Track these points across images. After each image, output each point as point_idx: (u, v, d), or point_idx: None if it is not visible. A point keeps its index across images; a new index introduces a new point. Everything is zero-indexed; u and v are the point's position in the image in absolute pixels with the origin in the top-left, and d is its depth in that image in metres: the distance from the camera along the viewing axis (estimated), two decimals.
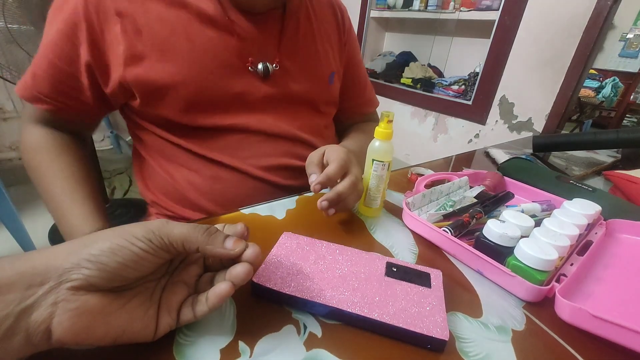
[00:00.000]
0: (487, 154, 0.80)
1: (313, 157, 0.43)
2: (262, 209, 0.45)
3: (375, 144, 0.42)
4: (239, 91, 0.49)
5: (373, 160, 0.42)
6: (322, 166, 0.43)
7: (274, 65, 0.51)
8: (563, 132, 1.60)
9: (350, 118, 0.71)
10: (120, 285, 0.22)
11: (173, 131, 0.49)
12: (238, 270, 0.24)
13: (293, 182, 0.54)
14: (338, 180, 0.41)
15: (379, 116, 0.41)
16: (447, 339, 0.26)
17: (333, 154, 0.42)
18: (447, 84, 2.02)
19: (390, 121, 0.41)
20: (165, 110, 0.47)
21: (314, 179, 0.40)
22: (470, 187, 0.54)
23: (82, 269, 0.20)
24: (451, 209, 0.45)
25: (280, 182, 0.53)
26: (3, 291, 0.18)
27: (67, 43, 0.43)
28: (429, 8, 2.03)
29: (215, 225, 0.26)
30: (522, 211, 0.42)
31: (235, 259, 0.25)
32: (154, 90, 0.45)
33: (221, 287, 0.24)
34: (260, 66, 0.49)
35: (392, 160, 0.43)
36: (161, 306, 0.24)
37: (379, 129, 0.41)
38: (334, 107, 0.65)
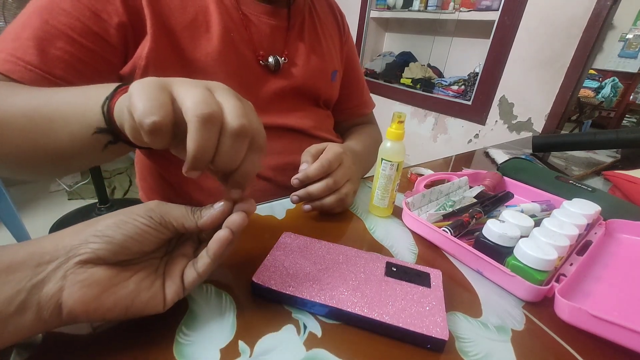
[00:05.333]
0: (487, 154, 0.81)
1: (312, 148, 0.44)
2: (262, 209, 0.45)
3: (387, 144, 0.42)
4: (250, 83, 0.50)
5: (382, 159, 0.42)
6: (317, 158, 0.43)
7: (283, 58, 0.52)
8: (562, 132, 1.60)
9: (349, 119, 0.73)
10: (126, 260, 0.23)
11: None
12: (235, 217, 0.26)
13: None
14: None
15: (391, 117, 0.42)
16: (446, 339, 0.26)
17: (328, 152, 0.43)
18: (446, 84, 2.03)
19: (401, 122, 0.41)
20: None
21: (303, 167, 0.41)
22: (470, 187, 0.54)
23: (90, 244, 0.21)
24: (451, 209, 0.45)
25: (288, 183, 0.53)
26: (15, 269, 0.20)
27: (90, 19, 0.38)
28: (428, 8, 2.03)
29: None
30: (522, 211, 0.43)
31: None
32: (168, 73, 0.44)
33: (220, 233, 0.25)
34: (270, 59, 0.51)
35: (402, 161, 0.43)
36: (166, 277, 0.25)
37: (390, 129, 0.41)
38: (330, 107, 0.67)
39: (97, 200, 1.50)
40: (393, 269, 0.33)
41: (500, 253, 0.35)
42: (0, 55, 0.36)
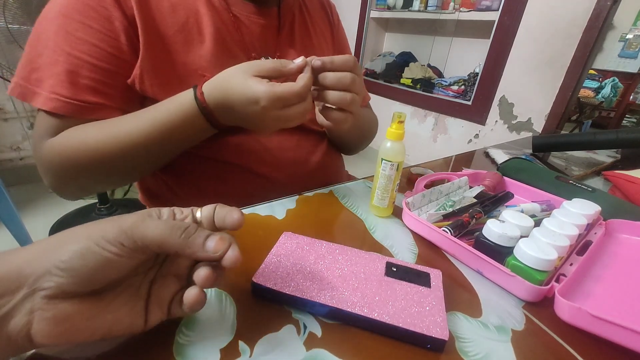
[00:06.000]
0: (487, 154, 0.81)
1: None
2: (262, 209, 0.45)
3: (387, 144, 0.42)
4: None
5: (382, 159, 0.42)
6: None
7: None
8: (562, 132, 1.60)
9: None
10: (98, 289, 0.21)
11: None
12: (201, 273, 0.23)
13: (298, 180, 0.54)
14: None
15: (392, 117, 0.41)
16: (446, 339, 0.26)
17: (353, 58, 0.40)
18: (446, 84, 2.03)
19: (401, 122, 0.41)
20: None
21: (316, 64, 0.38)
22: (470, 187, 0.54)
23: (53, 277, 0.19)
24: (451, 209, 0.45)
25: (284, 180, 0.53)
26: None
27: (104, 41, 0.39)
28: (428, 8, 2.04)
29: (207, 206, 0.25)
30: (522, 211, 0.43)
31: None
32: (165, 83, 0.44)
33: (190, 293, 0.23)
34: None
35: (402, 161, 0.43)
36: (152, 300, 0.23)
37: (390, 129, 0.41)
38: None
39: (97, 200, 1.50)
40: (393, 269, 0.33)
41: (500, 253, 0.35)
42: (44, 94, 0.39)
